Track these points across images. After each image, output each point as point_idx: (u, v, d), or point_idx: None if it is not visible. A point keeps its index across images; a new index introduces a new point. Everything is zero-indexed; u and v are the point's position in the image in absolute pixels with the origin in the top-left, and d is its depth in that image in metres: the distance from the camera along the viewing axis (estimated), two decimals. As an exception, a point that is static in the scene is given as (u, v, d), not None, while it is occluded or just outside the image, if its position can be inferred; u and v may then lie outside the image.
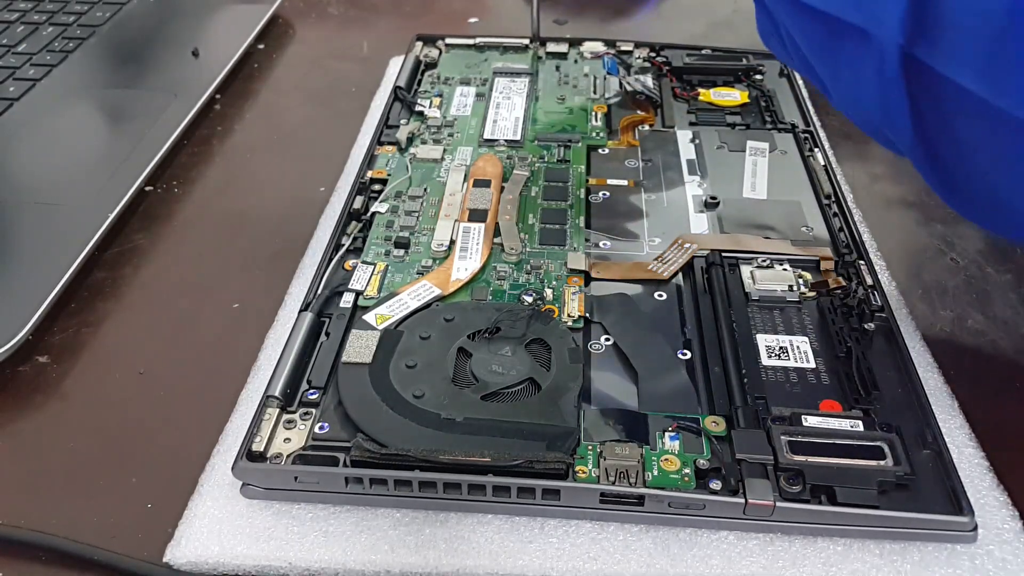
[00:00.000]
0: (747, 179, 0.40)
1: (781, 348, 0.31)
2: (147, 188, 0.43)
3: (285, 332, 0.32)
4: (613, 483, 0.26)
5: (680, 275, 0.35)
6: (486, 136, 0.44)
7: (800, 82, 0.48)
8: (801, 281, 0.34)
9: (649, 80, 0.48)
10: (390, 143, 0.43)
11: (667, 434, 0.28)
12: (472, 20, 0.60)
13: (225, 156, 0.46)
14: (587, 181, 0.41)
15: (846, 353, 0.31)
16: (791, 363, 0.31)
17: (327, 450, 0.28)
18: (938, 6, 0.25)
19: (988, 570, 0.25)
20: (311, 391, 0.30)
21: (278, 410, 0.29)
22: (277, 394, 0.29)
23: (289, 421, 0.28)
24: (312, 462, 0.27)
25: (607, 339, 0.32)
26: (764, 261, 0.35)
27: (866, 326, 0.32)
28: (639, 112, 0.46)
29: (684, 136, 0.44)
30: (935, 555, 0.26)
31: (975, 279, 0.37)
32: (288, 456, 0.27)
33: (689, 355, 0.31)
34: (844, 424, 0.28)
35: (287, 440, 0.28)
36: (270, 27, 0.58)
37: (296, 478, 0.27)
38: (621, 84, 0.48)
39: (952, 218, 0.40)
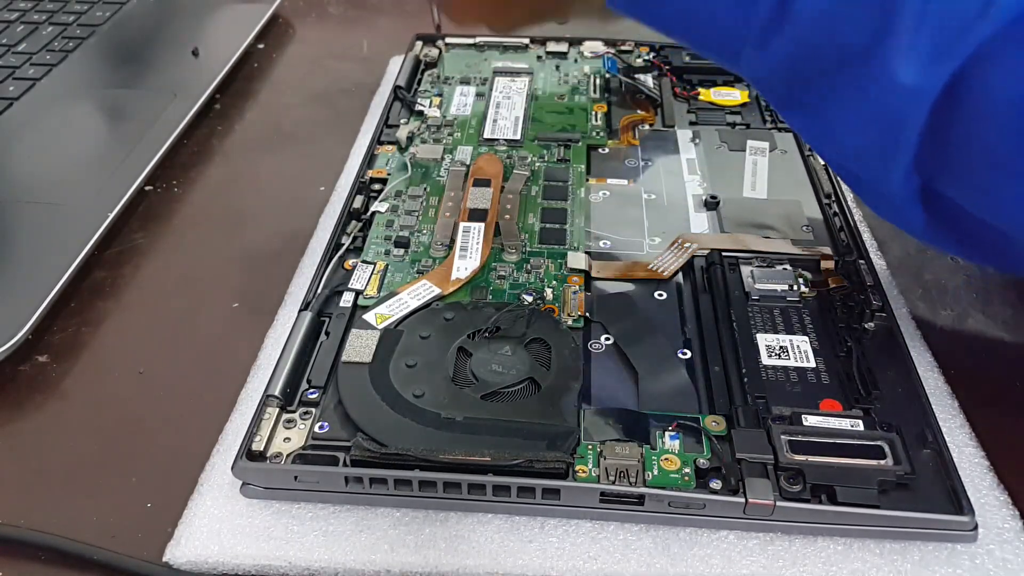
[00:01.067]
0: (747, 178, 0.40)
1: (781, 347, 0.31)
2: (147, 188, 0.42)
3: (285, 331, 0.32)
4: (613, 482, 0.26)
5: (680, 274, 0.35)
6: (486, 135, 0.44)
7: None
8: (801, 280, 0.34)
9: (649, 79, 0.48)
10: (390, 142, 0.43)
11: (667, 433, 0.28)
12: (472, 20, 0.60)
13: (225, 156, 0.46)
14: (587, 180, 0.41)
15: (846, 352, 0.31)
16: (791, 362, 0.30)
17: (327, 449, 0.28)
18: (947, 152, 0.25)
19: (988, 569, 0.25)
20: (311, 390, 0.30)
21: (278, 409, 0.29)
22: (277, 393, 0.29)
23: (289, 420, 0.28)
24: (312, 461, 0.27)
25: (607, 338, 0.32)
26: (764, 261, 0.35)
27: (866, 325, 0.32)
28: (639, 111, 0.46)
29: (684, 135, 0.44)
30: (935, 554, 0.26)
31: (975, 278, 0.37)
32: (288, 455, 0.27)
33: (689, 354, 0.31)
34: (844, 423, 0.28)
35: (287, 439, 0.28)
36: (270, 27, 0.58)
37: (296, 477, 0.27)
38: (621, 83, 0.48)
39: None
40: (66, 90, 0.48)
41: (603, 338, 0.32)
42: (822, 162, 0.41)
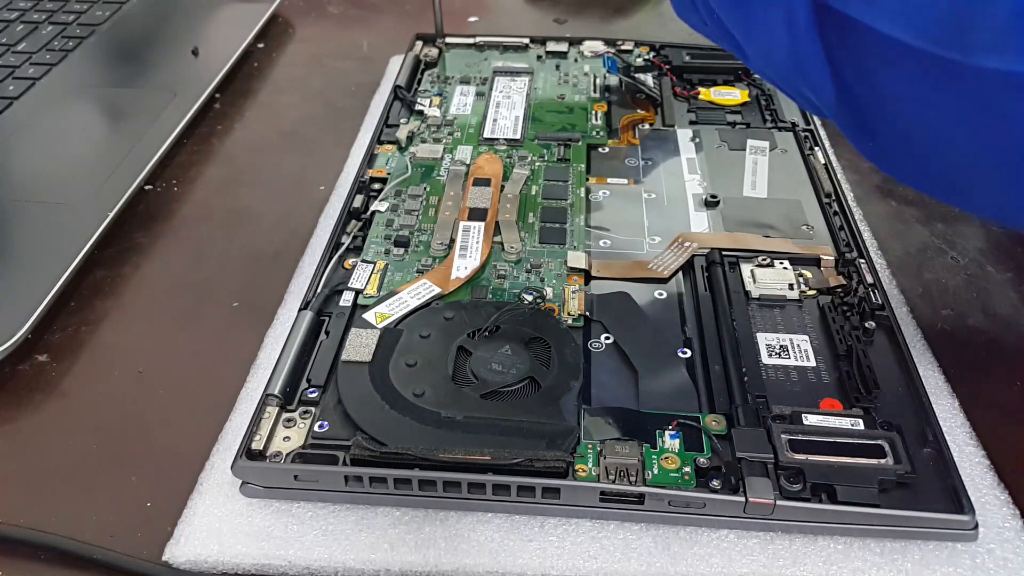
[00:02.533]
0: (747, 178, 0.40)
1: (781, 346, 0.31)
2: (147, 187, 0.42)
3: (285, 330, 0.32)
4: (613, 482, 0.26)
5: (680, 274, 0.35)
6: (486, 135, 0.44)
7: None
8: (801, 279, 0.34)
9: (649, 79, 0.48)
10: (390, 142, 0.43)
11: (667, 432, 0.28)
12: (472, 19, 0.60)
13: (225, 155, 0.46)
14: (587, 180, 0.41)
15: (846, 351, 0.31)
16: (791, 361, 0.30)
17: (327, 448, 0.28)
18: None
19: (989, 568, 0.25)
20: (311, 390, 0.29)
21: (278, 408, 0.29)
22: (277, 392, 0.29)
23: (289, 420, 0.28)
24: (312, 460, 0.27)
25: (607, 338, 0.32)
26: (764, 260, 0.35)
27: (866, 324, 0.32)
28: (639, 111, 0.46)
29: (684, 135, 0.44)
30: (936, 554, 0.26)
31: (975, 277, 0.37)
32: (288, 455, 0.27)
33: (689, 353, 0.31)
34: (844, 422, 0.28)
35: (287, 439, 0.28)
36: (270, 26, 0.58)
37: (296, 477, 0.27)
38: (621, 83, 0.48)
39: (953, 216, 0.40)
40: (66, 89, 0.48)
41: (603, 337, 0.32)
42: (822, 161, 0.41)
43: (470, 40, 0.53)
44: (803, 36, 0.26)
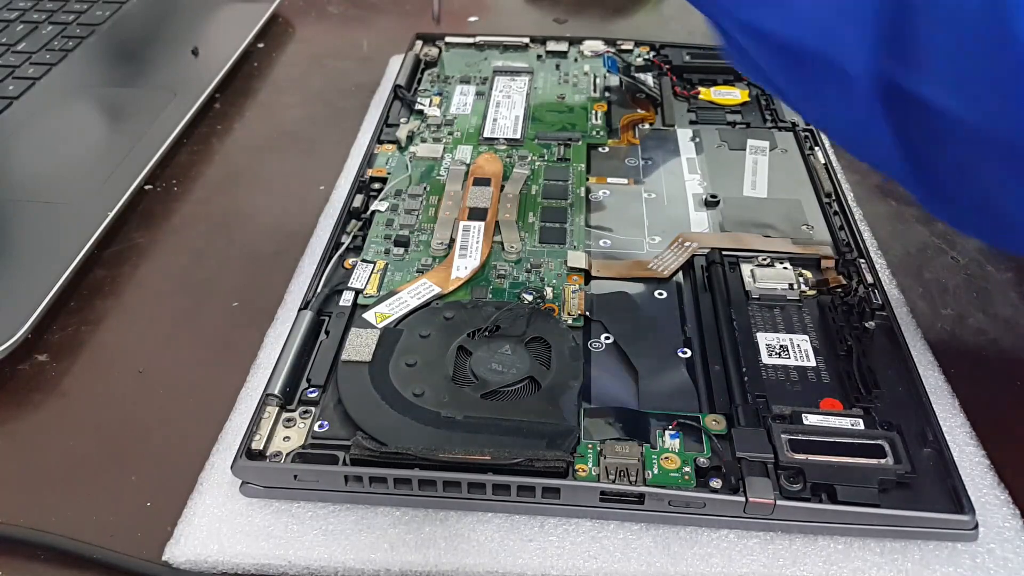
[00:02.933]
0: (747, 177, 0.40)
1: (781, 346, 0.31)
2: (147, 187, 0.42)
3: (285, 330, 0.32)
4: (613, 481, 0.26)
5: (680, 273, 0.35)
6: (486, 135, 0.44)
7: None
8: (802, 279, 0.34)
9: (649, 79, 0.48)
10: (390, 141, 0.43)
11: (667, 432, 0.28)
12: (472, 19, 0.60)
13: (225, 155, 0.46)
14: (587, 180, 0.41)
15: (847, 351, 0.31)
16: (792, 361, 0.30)
17: (327, 448, 0.28)
18: (913, 25, 0.23)
19: (989, 568, 0.25)
20: (311, 389, 0.29)
21: (278, 408, 0.29)
22: (277, 392, 0.29)
23: (289, 419, 0.28)
24: (312, 460, 0.27)
25: (607, 337, 0.32)
26: (764, 259, 0.35)
27: (867, 324, 0.32)
28: (639, 111, 0.46)
29: (684, 135, 0.44)
30: (936, 553, 0.26)
31: (976, 277, 0.37)
32: (287, 454, 0.27)
33: (689, 353, 0.31)
34: (845, 422, 0.28)
35: (286, 438, 0.28)
36: (270, 26, 0.58)
37: (295, 476, 0.27)
38: (621, 82, 0.48)
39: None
40: (66, 89, 0.48)
41: (603, 337, 0.32)
42: (822, 161, 0.41)
43: (470, 40, 0.53)
44: (869, 113, 0.25)
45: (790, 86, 0.28)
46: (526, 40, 0.52)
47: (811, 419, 0.28)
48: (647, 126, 0.45)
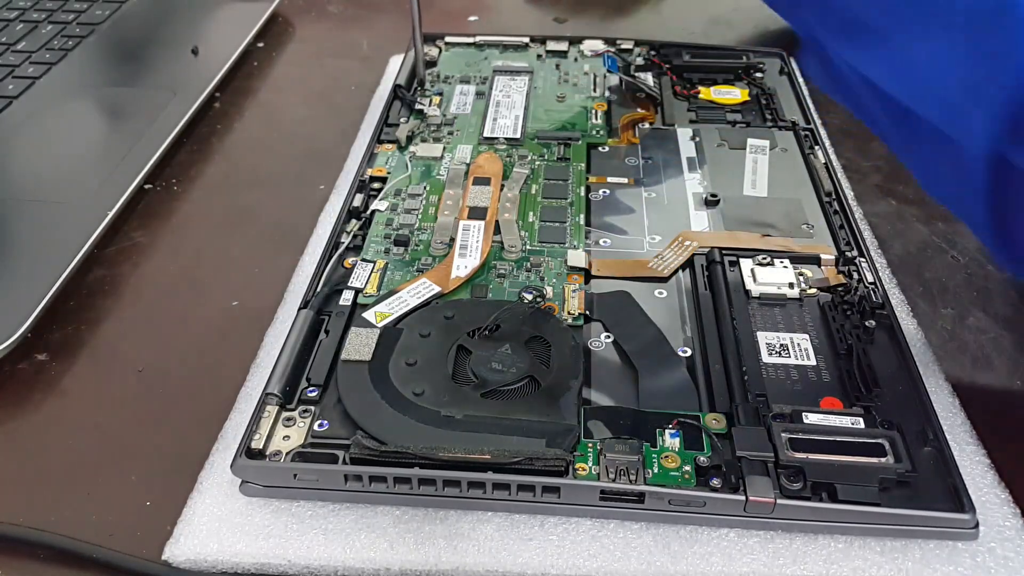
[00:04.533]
0: (747, 177, 0.40)
1: (782, 345, 0.31)
2: (146, 186, 0.42)
3: (284, 330, 0.32)
4: (613, 480, 0.26)
5: (680, 272, 0.35)
6: (486, 134, 0.44)
7: (801, 80, 0.48)
8: (802, 278, 0.34)
9: (649, 78, 0.48)
10: (390, 141, 0.43)
11: (667, 431, 0.28)
12: (472, 18, 0.60)
13: (225, 154, 0.46)
14: (587, 179, 0.41)
15: (847, 350, 0.31)
16: (792, 360, 0.30)
17: (326, 447, 0.27)
18: None
19: (989, 567, 0.25)
20: (310, 389, 0.29)
21: (277, 408, 0.28)
22: (276, 392, 0.29)
23: (288, 419, 0.28)
24: (311, 459, 0.27)
25: (607, 336, 0.32)
26: (765, 258, 0.35)
27: (867, 323, 0.32)
28: (639, 110, 0.46)
29: (684, 134, 0.44)
30: (936, 552, 0.26)
31: (976, 276, 0.37)
32: (287, 454, 0.27)
33: (689, 352, 0.31)
34: (845, 421, 0.28)
35: (286, 438, 0.28)
36: (270, 25, 0.58)
37: (295, 476, 0.27)
38: (621, 82, 0.48)
39: (953, 216, 0.40)
40: (65, 88, 0.48)
41: (603, 336, 0.32)
42: (822, 160, 0.41)
43: (470, 39, 0.53)
44: (974, 186, 0.25)
45: (893, 132, 0.29)
46: (526, 40, 0.52)
47: (811, 418, 0.28)
48: (647, 125, 0.45)
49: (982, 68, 0.24)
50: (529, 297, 0.33)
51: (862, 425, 0.27)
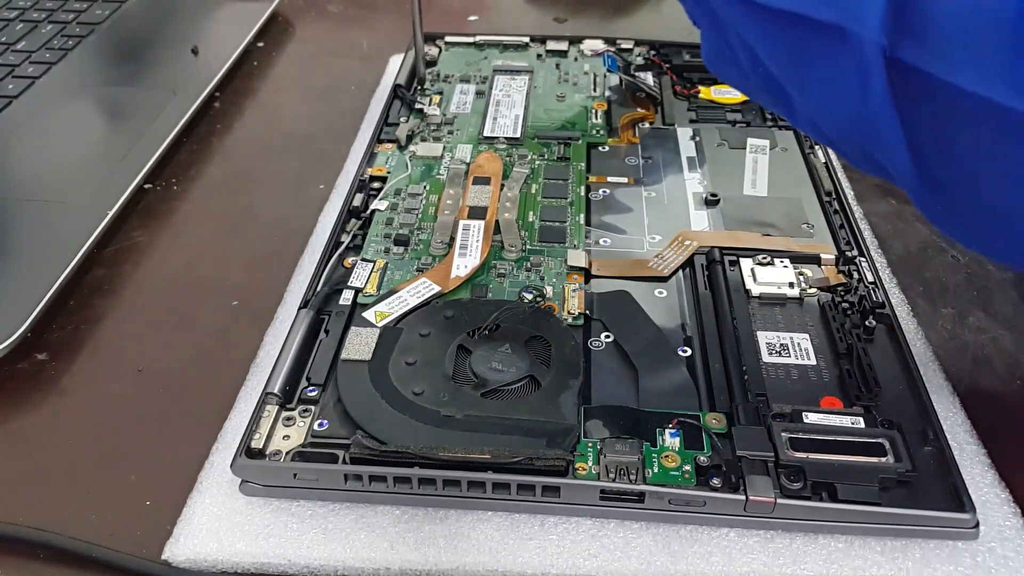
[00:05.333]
0: (748, 176, 0.40)
1: (782, 345, 0.31)
2: (146, 186, 0.42)
3: (284, 329, 0.32)
4: (613, 480, 0.26)
5: (680, 272, 0.35)
6: (486, 134, 0.44)
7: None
8: (802, 278, 0.34)
9: (649, 77, 0.48)
10: (390, 141, 0.43)
11: (667, 431, 0.28)
12: (472, 18, 0.60)
13: (224, 154, 0.46)
14: (587, 179, 0.41)
15: (847, 350, 0.31)
16: (792, 360, 0.30)
17: (326, 447, 0.27)
18: None
19: (990, 567, 0.25)
20: (310, 388, 0.29)
21: (277, 407, 0.28)
22: (276, 391, 0.29)
23: (288, 418, 0.28)
24: (311, 459, 0.27)
25: (607, 336, 0.32)
26: (765, 258, 0.35)
27: (867, 323, 0.32)
28: (639, 110, 0.46)
29: (684, 133, 0.44)
30: (936, 552, 0.26)
31: (976, 276, 0.37)
32: (287, 453, 0.27)
33: (689, 352, 0.31)
34: (845, 421, 0.28)
35: (286, 437, 0.28)
36: (270, 25, 0.58)
37: (295, 475, 0.27)
38: (621, 81, 0.48)
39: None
40: (65, 88, 0.48)
41: (603, 336, 0.32)
42: (822, 160, 0.41)
43: (470, 39, 0.53)
44: (875, 95, 0.23)
45: (784, 71, 0.26)
46: (526, 39, 0.52)
47: (811, 417, 0.28)
48: (647, 125, 0.45)
49: None
50: (529, 297, 0.33)
51: (862, 425, 0.27)
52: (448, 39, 0.53)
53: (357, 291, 0.33)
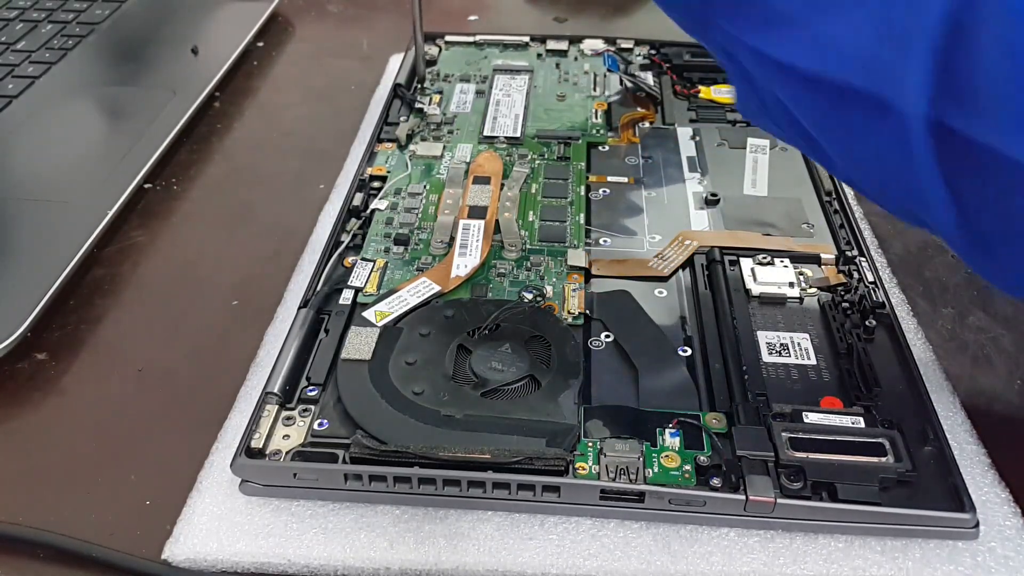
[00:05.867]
0: (748, 176, 0.40)
1: (782, 344, 0.31)
2: (146, 185, 0.42)
3: (284, 329, 0.32)
4: (613, 480, 0.26)
5: (681, 272, 0.35)
6: (486, 133, 0.44)
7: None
8: (802, 278, 0.34)
9: (649, 77, 0.48)
10: (390, 140, 0.43)
11: (667, 431, 0.28)
12: (472, 18, 0.60)
13: (224, 153, 0.46)
14: (587, 178, 0.41)
15: (847, 350, 0.31)
16: (792, 360, 0.30)
17: (326, 447, 0.27)
18: (971, 61, 0.20)
19: (990, 567, 0.25)
20: (310, 388, 0.29)
21: (277, 407, 0.28)
22: (276, 391, 0.29)
23: (288, 418, 0.28)
24: (311, 459, 0.27)
25: (607, 336, 0.32)
26: (765, 258, 0.35)
27: (867, 323, 0.32)
28: (639, 109, 0.46)
29: (684, 133, 0.44)
30: (937, 552, 0.26)
31: (976, 276, 0.36)
32: (287, 453, 0.27)
33: (689, 352, 0.31)
34: (845, 421, 0.28)
35: (286, 437, 0.28)
36: (269, 25, 0.58)
37: (295, 475, 0.27)
38: (621, 81, 0.48)
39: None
40: (65, 88, 0.48)
41: (603, 335, 0.32)
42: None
43: (470, 38, 0.53)
44: (919, 161, 0.22)
45: (822, 134, 0.25)
46: (526, 39, 0.52)
47: (812, 417, 0.28)
48: (647, 125, 0.45)
49: (899, 14, 0.22)
50: (529, 296, 0.33)
51: (862, 424, 0.27)
52: (448, 38, 0.53)
53: (357, 291, 0.33)
